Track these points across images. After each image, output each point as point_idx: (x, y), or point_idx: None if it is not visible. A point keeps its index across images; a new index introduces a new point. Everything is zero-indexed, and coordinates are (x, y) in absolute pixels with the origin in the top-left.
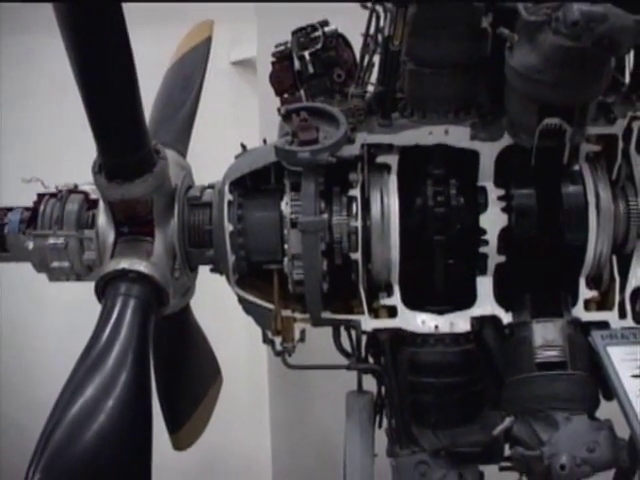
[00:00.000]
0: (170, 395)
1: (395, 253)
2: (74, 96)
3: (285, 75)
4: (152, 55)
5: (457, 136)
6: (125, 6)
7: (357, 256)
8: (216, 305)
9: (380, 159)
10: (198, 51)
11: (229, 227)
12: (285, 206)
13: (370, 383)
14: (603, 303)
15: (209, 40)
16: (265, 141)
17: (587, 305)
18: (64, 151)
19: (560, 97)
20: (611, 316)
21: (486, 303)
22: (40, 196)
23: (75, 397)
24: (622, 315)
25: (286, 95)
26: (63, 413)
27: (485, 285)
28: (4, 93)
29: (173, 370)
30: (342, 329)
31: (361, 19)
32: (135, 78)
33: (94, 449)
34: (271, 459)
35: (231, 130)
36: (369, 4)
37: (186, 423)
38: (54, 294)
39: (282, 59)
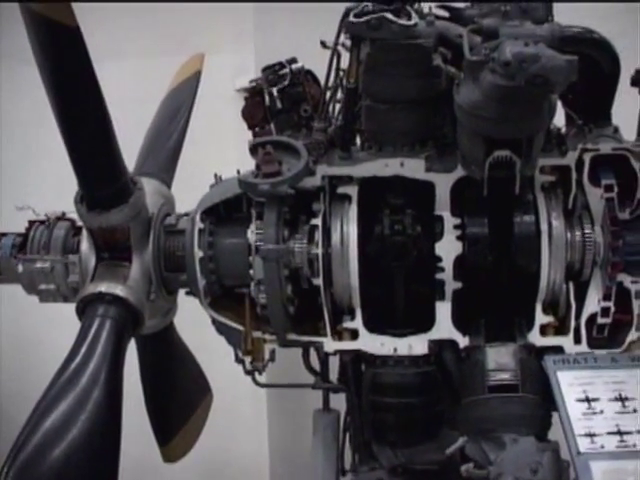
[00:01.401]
0: (157, 410)
1: (355, 278)
2: None
3: (256, 110)
4: (151, 86)
5: (412, 168)
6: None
7: (319, 281)
8: None
9: (341, 190)
10: (187, 84)
11: (199, 253)
12: (251, 234)
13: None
14: (561, 328)
15: (199, 74)
16: (239, 172)
17: (544, 330)
18: (56, 179)
19: (502, 132)
20: (566, 341)
21: (444, 327)
22: (31, 223)
23: (49, 410)
24: (577, 340)
25: (257, 129)
26: (36, 425)
27: (443, 310)
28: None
29: (159, 386)
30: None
31: None
32: (108, 119)
33: (65, 460)
34: (269, 468)
35: (235, 153)
36: (329, 43)
37: (174, 437)
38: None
39: (254, 95)
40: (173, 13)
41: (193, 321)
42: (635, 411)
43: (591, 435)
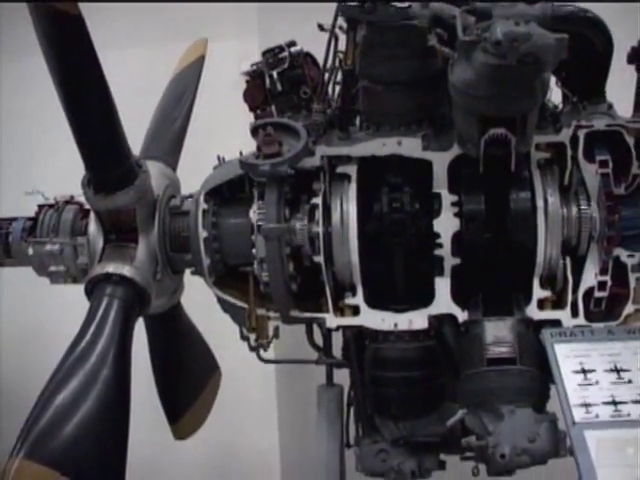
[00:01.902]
0: (167, 388)
1: (355, 256)
2: None
3: (257, 93)
4: (157, 73)
5: (409, 147)
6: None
7: (320, 259)
8: None
9: (340, 169)
10: (191, 69)
11: (203, 233)
12: (253, 214)
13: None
14: (558, 302)
15: (202, 58)
16: (241, 153)
17: (542, 304)
18: (64, 163)
19: (495, 110)
20: (564, 315)
21: (443, 302)
22: (40, 207)
23: (60, 388)
24: (574, 314)
25: (258, 111)
26: (48, 401)
27: (442, 285)
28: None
29: (168, 364)
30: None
31: None
32: (112, 104)
33: (75, 436)
34: (279, 456)
35: (240, 137)
36: (327, 26)
37: (184, 415)
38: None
39: (254, 78)
40: (182, 2)
41: (202, 304)
42: (630, 382)
43: (586, 405)
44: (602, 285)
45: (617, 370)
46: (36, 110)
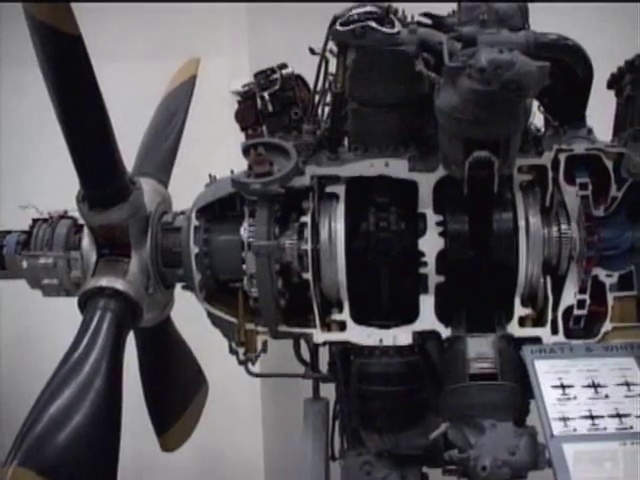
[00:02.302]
0: (155, 401)
1: (342, 273)
2: None
3: (248, 113)
4: (149, 88)
5: (396, 168)
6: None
7: (308, 276)
8: None
9: (329, 189)
10: (183, 88)
11: (195, 249)
12: (244, 231)
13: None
14: (539, 320)
15: (194, 78)
16: (232, 171)
17: (523, 322)
18: (58, 179)
19: (479, 133)
20: (544, 332)
21: (427, 319)
22: (34, 221)
23: (53, 398)
24: (554, 331)
25: (250, 131)
26: (42, 411)
27: (427, 302)
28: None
29: (157, 377)
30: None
31: None
32: (108, 122)
33: (68, 443)
34: (263, 460)
35: (230, 153)
36: (317, 49)
37: (172, 427)
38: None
39: (246, 99)
40: (170, 18)
41: (191, 318)
42: (607, 397)
43: (565, 419)
44: (581, 304)
45: (595, 386)
46: (31, 123)
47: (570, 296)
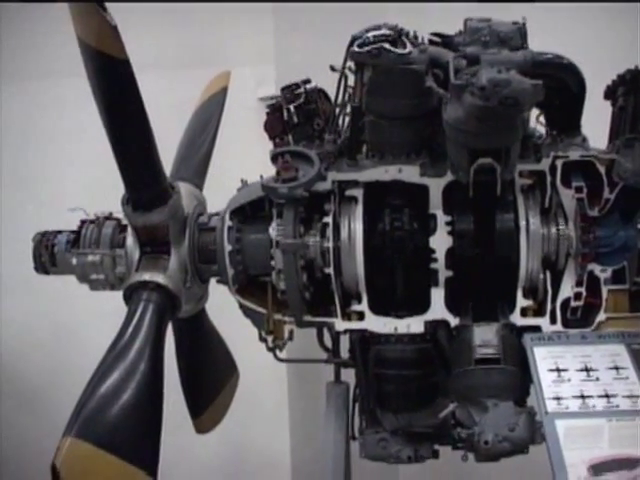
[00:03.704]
0: (191, 385)
1: (361, 268)
2: None
3: (276, 124)
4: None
5: (409, 174)
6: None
7: (330, 271)
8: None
9: (348, 192)
10: (216, 98)
11: (228, 247)
12: (272, 230)
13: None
14: (539, 310)
15: (225, 89)
16: (262, 177)
17: (524, 312)
18: (104, 184)
19: (482, 143)
20: (543, 322)
21: (438, 309)
22: (82, 222)
23: (103, 379)
24: (553, 321)
25: (277, 140)
26: (94, 390)
27: (437, 295)
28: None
29: (192, 364)
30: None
31: None
32: (151, 134)
33: (117, 420)
34: (290, 456)
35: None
36: (337, 67)
37: (206, 410)
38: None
39: (274, 111)
40: (200, 29)
41: (224, 313)
42: (598, 379)
43: (558, 398)
44: (578, 296)
45: (587, 370)
46: (71, 132)
47: (568, 289)
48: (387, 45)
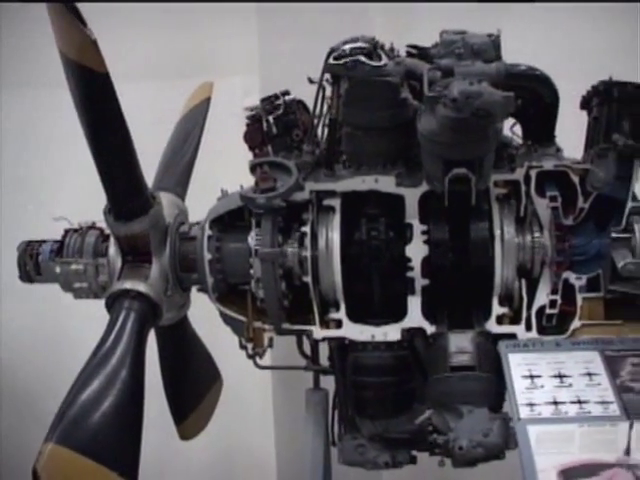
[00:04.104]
0: (174, 392)
1: (338, 277)
2: None
3: (255, 134)
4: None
5: (385, 184)
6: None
7: (308, 279)
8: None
9: (326, 202)
10: (199, 109)
11: (208, 256)
12: (251, 240)
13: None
14: (515, 318)
15: (208, 100)
16: (242, 187)
17: (500, 320)
18: (86, 193)
19: (455, 154)
20: (519, 329)
21: (414, 317)
22: (66, 231)
23: (85, 386)
24: (528, 328)
25: (257, 150)
26: (75, 397)
27: (413, 303)
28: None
29: (175, 371)
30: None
31: None
32: (131, 146)
33: (98, 425)
34: (275, 459)
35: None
36: (315, 79)
37: (189, 416)
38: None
39: (253, 122)
40: (185, 39)
41: (209, 321)
42: (570, 385)
43: (531, 404)
44: (553, 303)
45: (560, 376)
46: (64, 144)
47: (543, 297)
48: (363, 58)
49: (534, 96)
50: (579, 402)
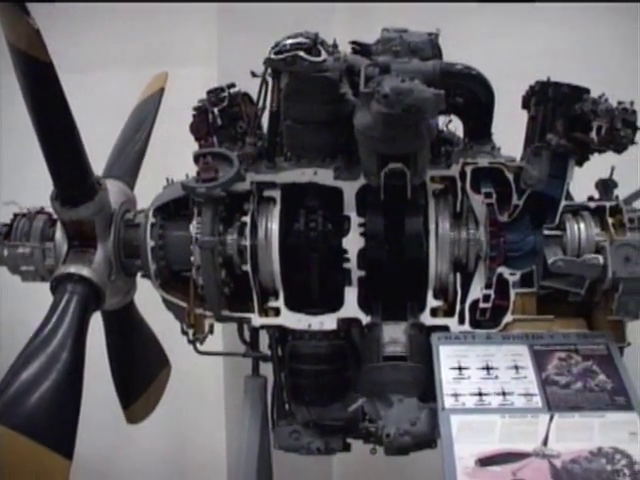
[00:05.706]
0: (121, 377)
1: (276, 266)
2: None
3: (201, 126)
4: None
5: (324, 176)
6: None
7: (247, 268)
8: None
9: (266, 193)
10: (152, 99)
11: (151, 243)
12: (192, 228)
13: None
14: (450, 311)
15: (162, 90)
16: (187, 176)
17: (434, 312)
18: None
19: (389, 149)
20: (452, 322)
21: (350, 308)
22: (15, 215)
23: (24, 367)
24: (462, 321)
25: (202, 141)
26: (13, 378)
27: (350, 294)
28: None
29: (122, 355)
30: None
31: None
32: (77, 133)
33: (36, 407)
34: (226, 443)
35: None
36: (259, 73)
37: (136, 401)
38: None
39: (199, 113)
40: (145, 30)
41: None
42: (497, 377)
43: (456, 395)
44: (486, 298)
45: (488, 368)
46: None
47: (477, 291)
48: (302, 53)
49: (470, 95)
50: (503, 394)
